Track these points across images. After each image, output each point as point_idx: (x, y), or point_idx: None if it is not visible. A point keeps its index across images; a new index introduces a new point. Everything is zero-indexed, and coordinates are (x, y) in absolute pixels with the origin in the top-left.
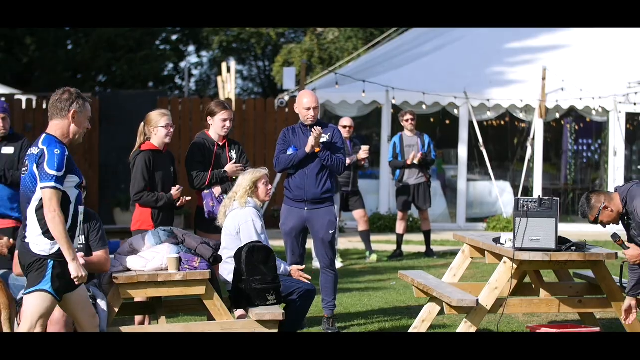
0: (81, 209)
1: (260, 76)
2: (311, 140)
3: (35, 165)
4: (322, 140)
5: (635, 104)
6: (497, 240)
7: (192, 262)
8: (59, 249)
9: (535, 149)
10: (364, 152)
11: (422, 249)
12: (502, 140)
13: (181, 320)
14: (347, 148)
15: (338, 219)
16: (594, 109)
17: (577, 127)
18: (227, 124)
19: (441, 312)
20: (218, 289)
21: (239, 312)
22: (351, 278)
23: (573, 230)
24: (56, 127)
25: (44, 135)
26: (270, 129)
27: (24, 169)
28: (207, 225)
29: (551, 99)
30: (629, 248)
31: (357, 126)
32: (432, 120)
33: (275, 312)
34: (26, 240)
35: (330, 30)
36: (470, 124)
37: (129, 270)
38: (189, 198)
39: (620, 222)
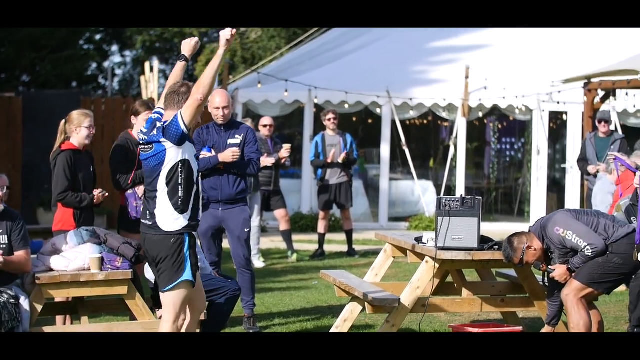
0: (200, 179)
1: (183, 76)
2: (227, 157)
3: (161, 138)
4: (234, 141)
5: (558, 102)
6: (419, 240)
7: (115, 262)
8: (189, 222)
9: (458, 148)
10: (285, 150)
11: (344, 248)
12: (425, 140)
13: (103, 320)
14: (268, 147)
15: (260, 218)
16: (517, 108)
17: (500, 126)
18: None
19: (363, 312)
20: (140, 289)
21: (161, 312)
22: (273, 278)
23: (496, 229)
24: (171, 117)
25: (158, 123)
26: (192, 128)
27: (146, 151)
28: (130, 226)
29: (474, 97)
30: (554, 270)
31: (280, 125)
32: (354, 119)
33: None
34: (157, 222)
35: (253, 30)
36: (393, 123)
37: (51, 270)
38: (106, 193)
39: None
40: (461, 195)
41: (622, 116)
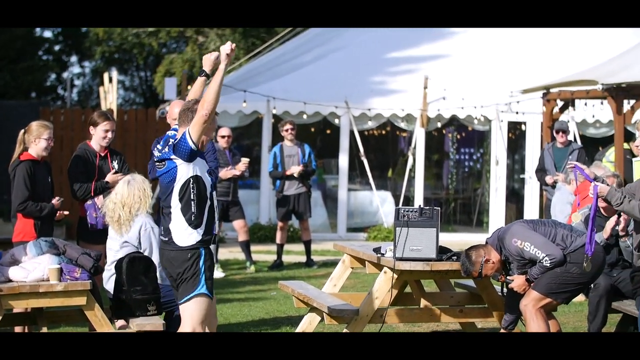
0: (214, 194)
1: (142, 86)
2: None
3: (172, 155)
4: None
5: (517, 112)
6: (377, 250)
7: (73, 272)
8: (203, 237)
9: (417, 158)
10: (243, 164)
11: (303, 259)
12: (383, 150)
13: (62, 331)
14: (226, 158)
15: (218, 228)
16: (476, 118)
17: (459, 136)
18: (109, 134)
19: (321, 322)
20: (99, 300)
21: (120, 322)
22: (231, 288)
23: (454, 239)
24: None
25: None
26: (151, 139)
27: (160, 168)
28: (89, 236)
29: (433, 108)
30: (512, 280)
31: (238, 136)
32: (312, 129)
33: (156, 322)
34: (172, 237)
35: (212, 40)
36: (351, 133)
37: (10, 281)
38: (66, 212)
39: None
40: (419, 205)
41: (581, 126)
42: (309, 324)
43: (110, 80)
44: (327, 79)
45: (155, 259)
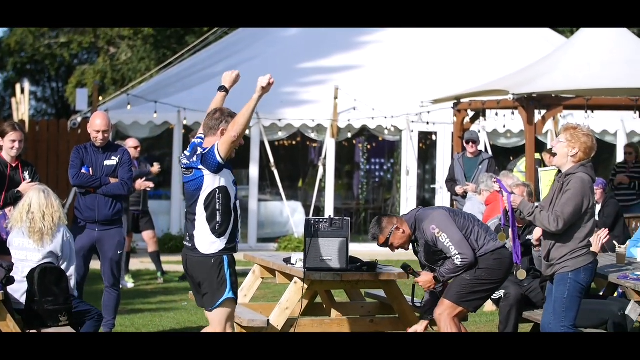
0: (238, 203)
1: (53, 97)
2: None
3: (199, 165)
4: (111, 163)
5: (428, 123)
6: (287, 261)
7: None
8: (227, 245)
9: (327, 168)
10: (157, 166)
11: None
12: (294, 160)
13: None
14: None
15: (129, 239)
16: (387, 128)
17: (369, 147)
18: (17, 145)
19: None
20: (11, 310)
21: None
22: (143, 299)
23: (365, 250)
24: (209, 143)
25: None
26: (63, 150)
27: (186, 175)
28: (0, 247)
29: (343, 118)
30: (419, 275)
31: (149, 147)
32: None
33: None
34: (196, 246)
35: (123, 51)
36: (262, 144)
37: None
38: None
39: (409, 247)
40: (330, 216)
41: (492, 136)
42: None
43: (22, 91)
44: (237, 89)
45: (73, 268)
